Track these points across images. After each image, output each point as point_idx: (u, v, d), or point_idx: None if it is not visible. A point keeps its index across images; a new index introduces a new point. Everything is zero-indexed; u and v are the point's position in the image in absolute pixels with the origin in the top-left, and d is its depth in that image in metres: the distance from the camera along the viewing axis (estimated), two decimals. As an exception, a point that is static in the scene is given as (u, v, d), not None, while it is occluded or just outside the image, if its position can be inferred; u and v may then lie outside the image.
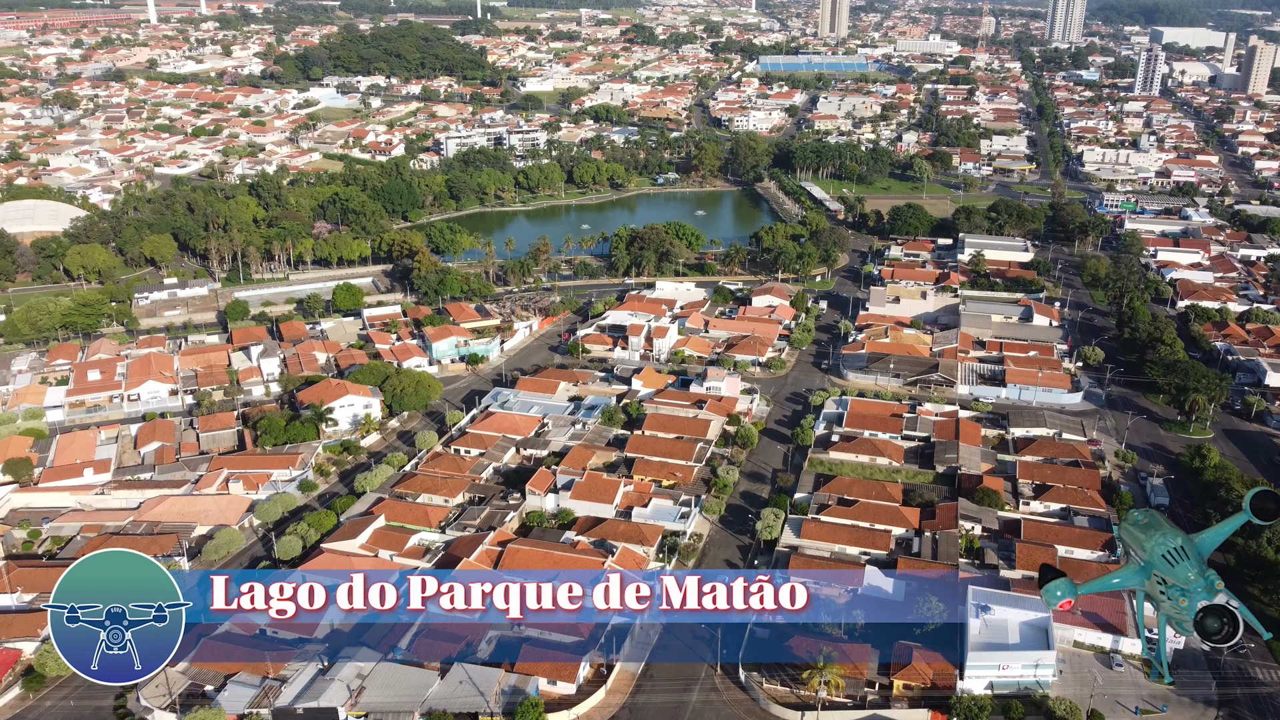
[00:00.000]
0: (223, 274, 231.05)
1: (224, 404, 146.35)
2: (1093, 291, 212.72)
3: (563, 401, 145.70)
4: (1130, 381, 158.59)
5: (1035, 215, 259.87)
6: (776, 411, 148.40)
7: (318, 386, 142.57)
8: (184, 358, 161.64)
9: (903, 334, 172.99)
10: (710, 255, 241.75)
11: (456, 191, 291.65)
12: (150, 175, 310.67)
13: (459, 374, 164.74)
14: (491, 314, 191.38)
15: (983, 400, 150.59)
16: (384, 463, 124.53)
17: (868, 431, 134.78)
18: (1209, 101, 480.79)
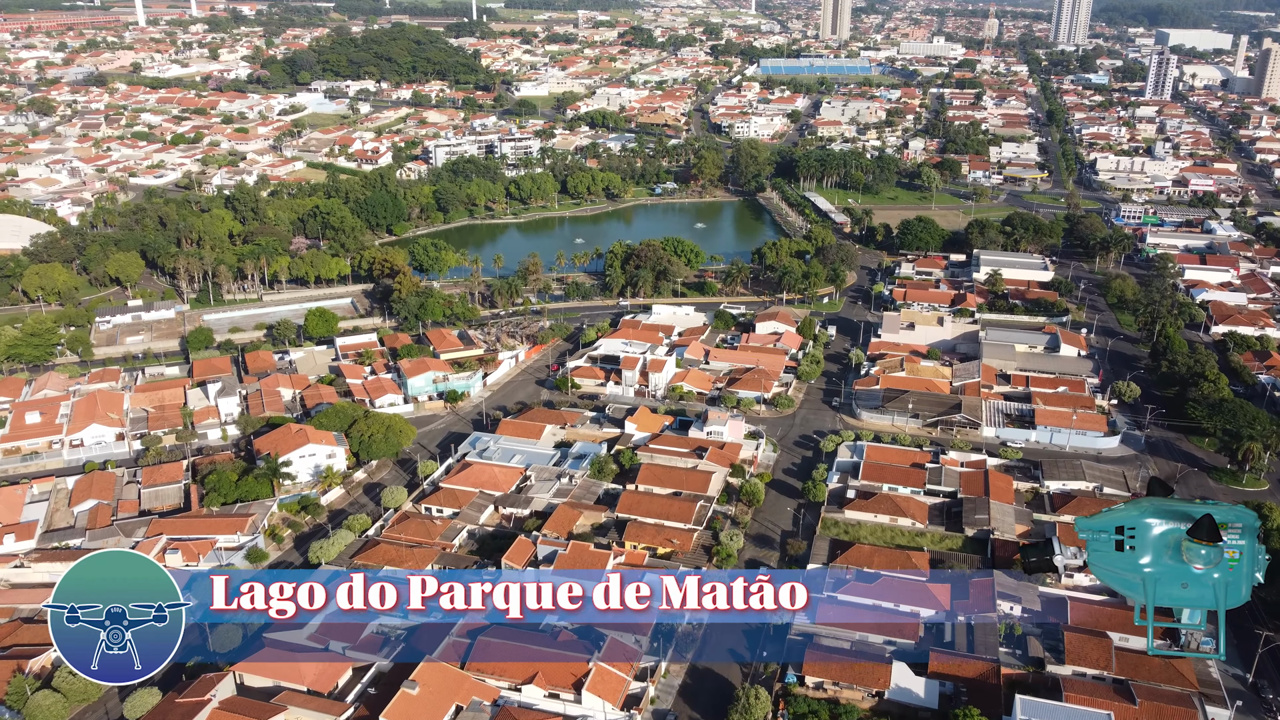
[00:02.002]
0: (192, 294, 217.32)
1: (174, 451, 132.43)
2: (1119, 314, 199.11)
3: (548, 448, 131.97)
4: (1170, 422, 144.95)
5: (1053, 229, 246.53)
6: (784, 458, 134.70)
7: (277, 433, 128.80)
8: (136, 395, 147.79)
9: (920, 366, 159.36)
10: (710, 274, 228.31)
11: (445, 203, 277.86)
12: (124, 186, 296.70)
13: (437, 412, 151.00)
14: (475, 342, 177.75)
15: (1011, 445, 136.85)
16: (344, 526, 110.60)
17: (887, 485, 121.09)
18: (1223, 106, 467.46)
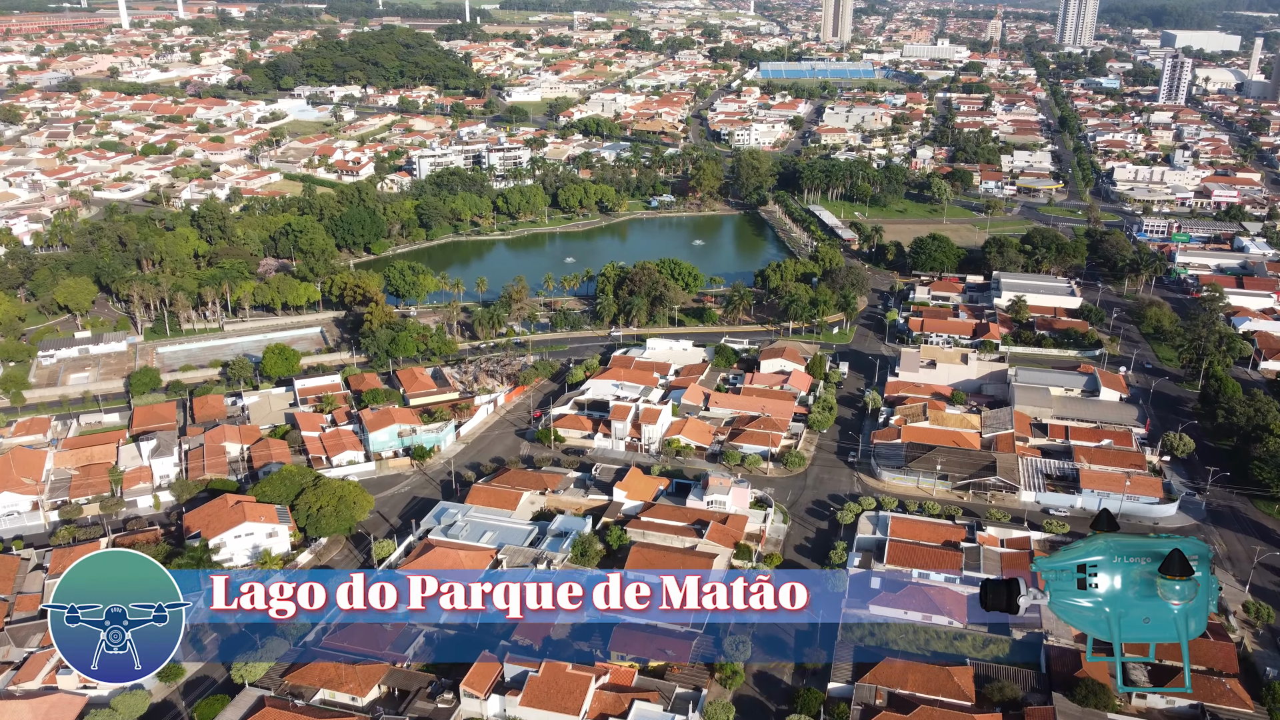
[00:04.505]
0: (149, 324, 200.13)
1: (93, 527, 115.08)
2: (1156, 347, 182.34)
3: (525, 521, 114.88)
4: (1229, 480, 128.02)
5: (1076, 249, 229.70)
6: (796, 530, 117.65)
7: (211, 507, 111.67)
8: (61, 454, 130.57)
9: (945, 414, 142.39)
10: (710, 298, 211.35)
11: (428, 219, 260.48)
12: (87, 201, 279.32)
13: (402, 471, 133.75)
14: (450, 383, 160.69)
15: (1055, 514, 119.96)
16: (276, 634, 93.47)
17: (917, 571, 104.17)
18: (1239, 112, 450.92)
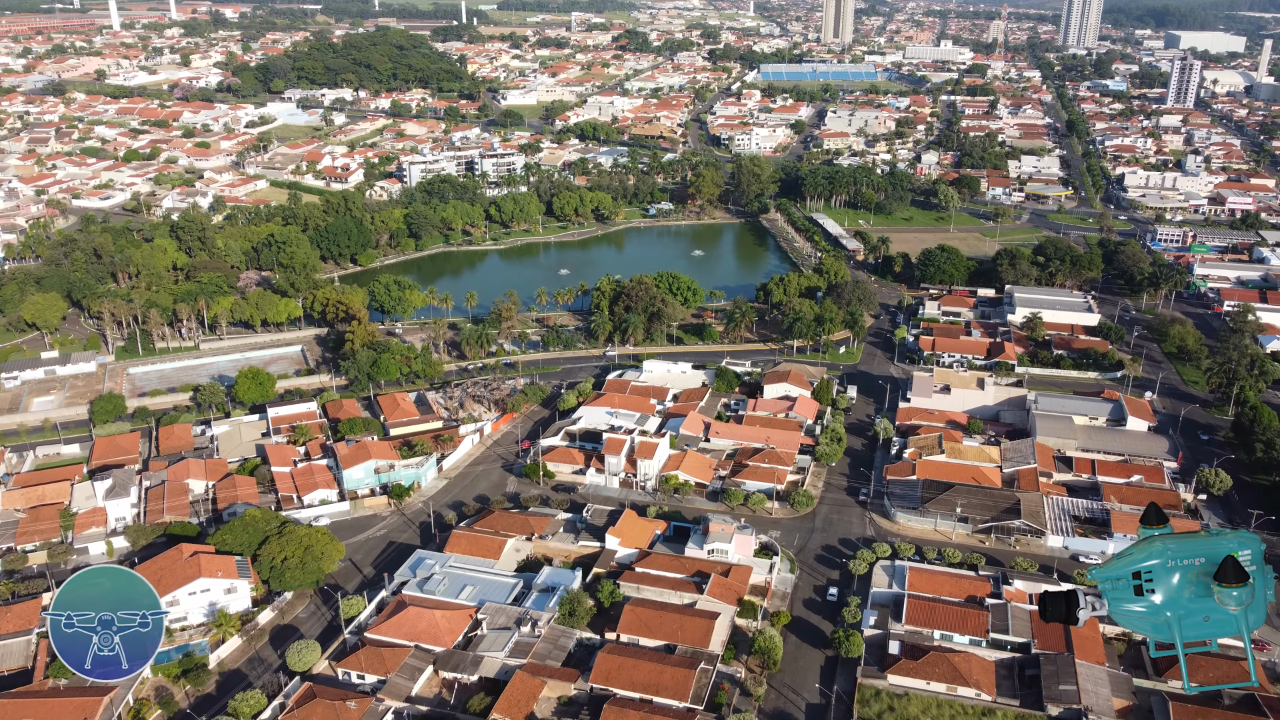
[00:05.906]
0: (120, 342, 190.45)
1: (37, 580, 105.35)
2: (1180, 368, 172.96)
3: (509, 572, 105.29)
4: (1275, 524, 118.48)
5: (1090, 261, 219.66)
6: (805, 582, 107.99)
7: (164, 559, 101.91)
8: (11, 493, 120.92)
9: (962, 447, 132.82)
10: (710, 314, 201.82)
11: (417, 228, 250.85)
12: (64, 210, 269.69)
13: (378, 511, 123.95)
14: (434, 410, 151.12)
15: (1087, 562, 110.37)
16: (229, 712, 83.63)
17: (939, 632, 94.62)
18: (1250, 115, 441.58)
